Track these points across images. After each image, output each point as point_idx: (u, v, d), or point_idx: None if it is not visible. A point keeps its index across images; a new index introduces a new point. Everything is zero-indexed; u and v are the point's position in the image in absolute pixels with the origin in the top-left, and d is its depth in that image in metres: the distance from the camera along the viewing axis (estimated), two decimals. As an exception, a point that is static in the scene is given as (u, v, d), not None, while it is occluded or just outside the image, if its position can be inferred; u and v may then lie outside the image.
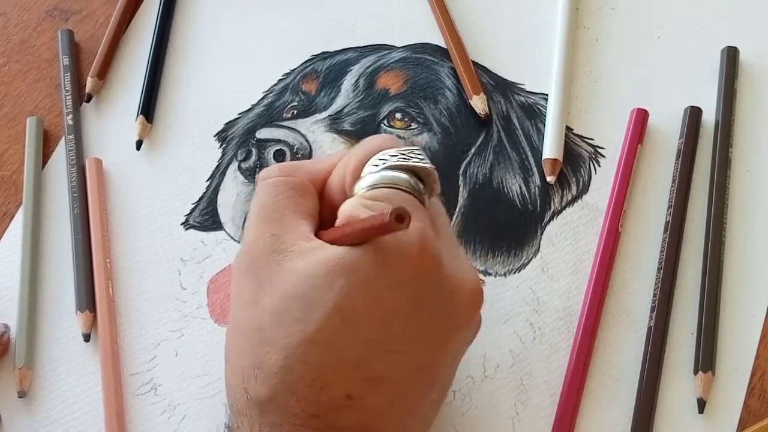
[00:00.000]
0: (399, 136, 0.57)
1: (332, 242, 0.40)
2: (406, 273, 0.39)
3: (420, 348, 0.40)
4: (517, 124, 0.57)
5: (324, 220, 0.43)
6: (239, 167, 0.57)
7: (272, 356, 0.38)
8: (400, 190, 0.41)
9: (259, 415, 0.38)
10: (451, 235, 0.44)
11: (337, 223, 0.41)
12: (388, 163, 0.42)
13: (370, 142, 0.44)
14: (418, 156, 0.42)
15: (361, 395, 0.38)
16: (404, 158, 0.42)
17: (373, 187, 0.41)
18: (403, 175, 0.41)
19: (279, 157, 0.56)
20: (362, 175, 0.42)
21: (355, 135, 0.57)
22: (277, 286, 0.39)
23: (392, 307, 0.39)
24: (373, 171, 0.42)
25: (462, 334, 0.42)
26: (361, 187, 0.42)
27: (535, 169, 0.55)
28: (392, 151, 0.42)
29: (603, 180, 0.55)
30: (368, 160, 0.43)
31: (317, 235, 0.42)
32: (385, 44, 0.61)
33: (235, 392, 0.40)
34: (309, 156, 0.56)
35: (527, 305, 0.51)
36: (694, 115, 0.56)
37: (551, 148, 0.55)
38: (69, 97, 0.60)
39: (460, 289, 0.41)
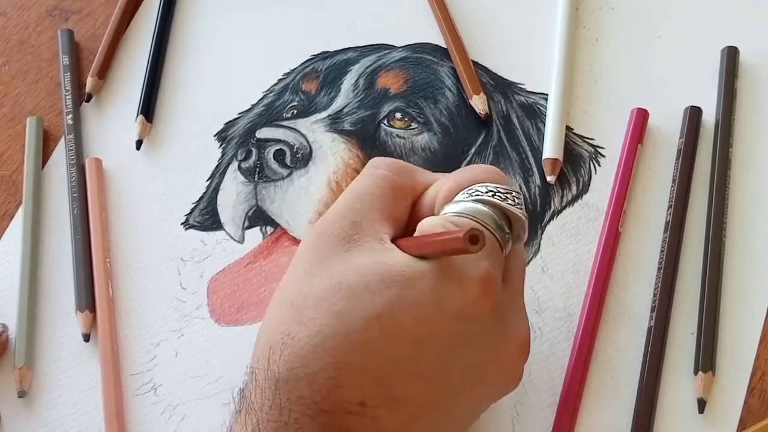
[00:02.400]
0: (399, 136, 0.57)
1: (404, 249, 0.39)
2: (459, 308, 0.38)
3: (448, 383, 0.39)
4: (517, 124, 0.57)
5: (409, 231, 0.43)
6: (239, 167, 0.57)
7: (303, 337, 0.38)
8: (483, 226, 0.40)
9: (272, 392, 0.38)
10: (520, 288, 0.44)
11: (415, 234, 0.41)
12: (481, 197, 0.41)
13: (475, 169, 0.44)
14: (515, 199, 0.42)
15: (374, 406, 0.38)
16: (499, 197, 0.41)
17: (459, 214, 0.41)
18: (491, 213, 0.41)
19: (279, 156, 0.56)
20: (454, 200, 0.42)
21: (355, 135, 0.57)
22: (334, 273, 0.39)
23: (434, 334, 0.38)
24: (465, 199, 0.42)
25: (496, 384, 0.42)
26: (447, 211, 0.42)
27: (535, 169, 0.55)
28: (491, 186, 0.42)
29: (603, 180, 0.55)
30: (466, 186, 0.42)
31: (394, 241, 0.41)
32: (385, 44, 0.61)
33: (260, 358, 0.40)
34: (309, 155, 0.56)
35: (527, 305, 0.51)
36: (694, 115, 0.56)
37: (551, 147, 0.55)
38: (69, 96, 0.60)
39: (508, 340, 0.41)
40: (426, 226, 0.41)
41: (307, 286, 0.40)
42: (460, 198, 0.42)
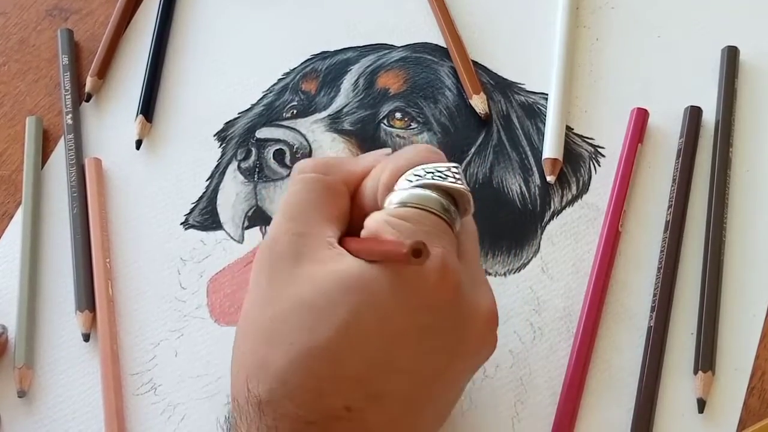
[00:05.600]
0: (399, 136, 0.57)
1: (353, 253, 0.40)
2: (422, 300, 0.38)
3: (425, 370, 0.40)
4: (517, 124, 0.57)
5: (354, 223, 0.43)
6: (239, 167, 0.57)
7: (276, 359, 0.38)
8: (429, 212, 0.40)
9: (257, 415, 0.38)
10: (476, 258, 0.43)
11: (362, 234, 0.41)
12: (422, 181, 0.41)
13: (409, 153, 0.43)
14: (455, 176, 0.41)
15: (360, 409, 0.38)
16: (440, 177, 0.41)
17: (403, 204, 0.40)
18: (435, 196, 0.41)
19: (278, 156, 0.56)
20: (395, 188, 0.42)
21: (355, 134, 0.57)
22: (291, 290, 0.39)
23: (402, 330, 0.38)
24: (406, 187, 0.41)
25: (472, 357, 0.42)
26: (391, 201, 0.41)
27: (535, 169, 0.55)
28: (429, 167, 0.41)
29: (603, 180, 0.55)
30: (404, 172, 0.42)
31: (342, 239, 0.41)
32: (385, 44, 0.61)
33: (238, 387, 0.40)
34: (309, 155, 0.56)
35: (527, 305, 0.51)
36: (694, 115, 0.56)
37: (551, 147, 0.55)
38: (68, 96, 0.60)
39: (475, 315, 0.40)
40: (372, 225, 0.40)
41: (270, 309, 0.40)
42: (401, 186, 0.41)
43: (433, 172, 0.41)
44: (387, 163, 0.43)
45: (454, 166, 0.42)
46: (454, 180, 0.41)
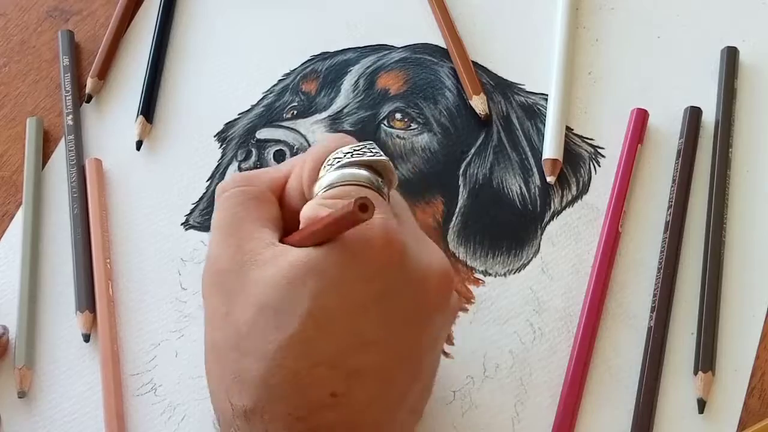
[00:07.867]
0: (399, 137, 0.57)
1: (297, 244, 0.40)
2: (373, 266, 0.39)
3: (396, 338, 0.40)
4: (517, 125, 0.57)
5: (287, 227, 0.43)
6: (239, 168, 0.57)
7: (252, 366, 0.38)
8: (358, 186, 0.41)
9: (245, 425, 0.39)
10: (414, 224, 0.44)
11: (301, 226, 0.41)
12: (344, 161, 0.41)
13: (324, 142, 0.44)
14: (373, 150, 0.42)
15: (345, 392, 0.38)
16: (359, 154, 0.42)
17: (332, 186, 0.41)
18: (361, 171, 0.41)
19: (279, 157, 0.56)
20: (320, 176, 0.42)
21: (356, 135, 0.57)
22: (247, 297, 0.39)
23: (362, 301, 0.39)
24: (330, 170, 0.42)
25: (437, 318, 0.42)
26: (320, 187, 0.41)
27: (535, 169, 0.55)
28: (346, 149, 0.42)
29: (603, 180, 0.55)
30: (324, 160, 0.42)
31: (282, 241, 0.41)
32: (385, 44, 0.61)
33: (221, 406, 0.40)
34: (309, 156, 0.56)
35: (527, 305, 0.51)
36: (694, 115, 0.56)
37: (551, 148, 0.55)
38: (69, 97, 0.60)
39: (429, 274, 0.40)
40: (309, 212, 0.40)
41: (233, 323, 0.40)
42: (325, 171, 0.42)
43: (351, 152, 0.42)
44: (306, 156, 0.43)
45: (369, 143, 0.42)
46: (372, 154, 0.42)
